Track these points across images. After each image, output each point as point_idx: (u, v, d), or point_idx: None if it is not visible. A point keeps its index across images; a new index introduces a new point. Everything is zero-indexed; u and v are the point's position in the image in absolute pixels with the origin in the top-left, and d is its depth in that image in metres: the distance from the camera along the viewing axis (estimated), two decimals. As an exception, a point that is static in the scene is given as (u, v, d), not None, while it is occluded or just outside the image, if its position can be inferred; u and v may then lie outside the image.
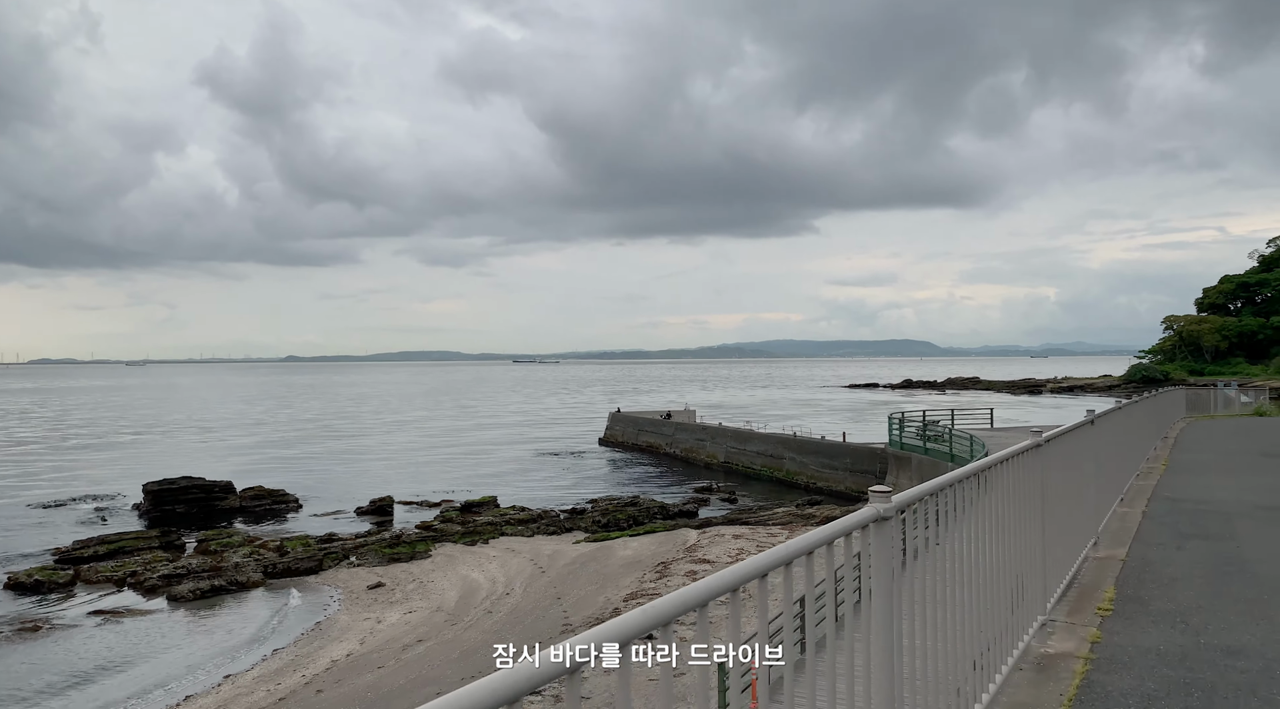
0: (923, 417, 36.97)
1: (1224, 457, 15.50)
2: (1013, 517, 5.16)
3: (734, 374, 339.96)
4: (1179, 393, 25.71)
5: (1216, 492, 11.34)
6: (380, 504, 40.64)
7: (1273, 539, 8.53)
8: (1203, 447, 17.21)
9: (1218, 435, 20.50)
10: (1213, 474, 13.12)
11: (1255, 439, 19.50)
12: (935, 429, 31.59)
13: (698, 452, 58.34)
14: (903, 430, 33.85)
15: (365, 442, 78.42)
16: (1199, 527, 9.06)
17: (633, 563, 26.44)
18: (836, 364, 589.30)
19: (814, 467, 46.60)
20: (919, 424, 32.82)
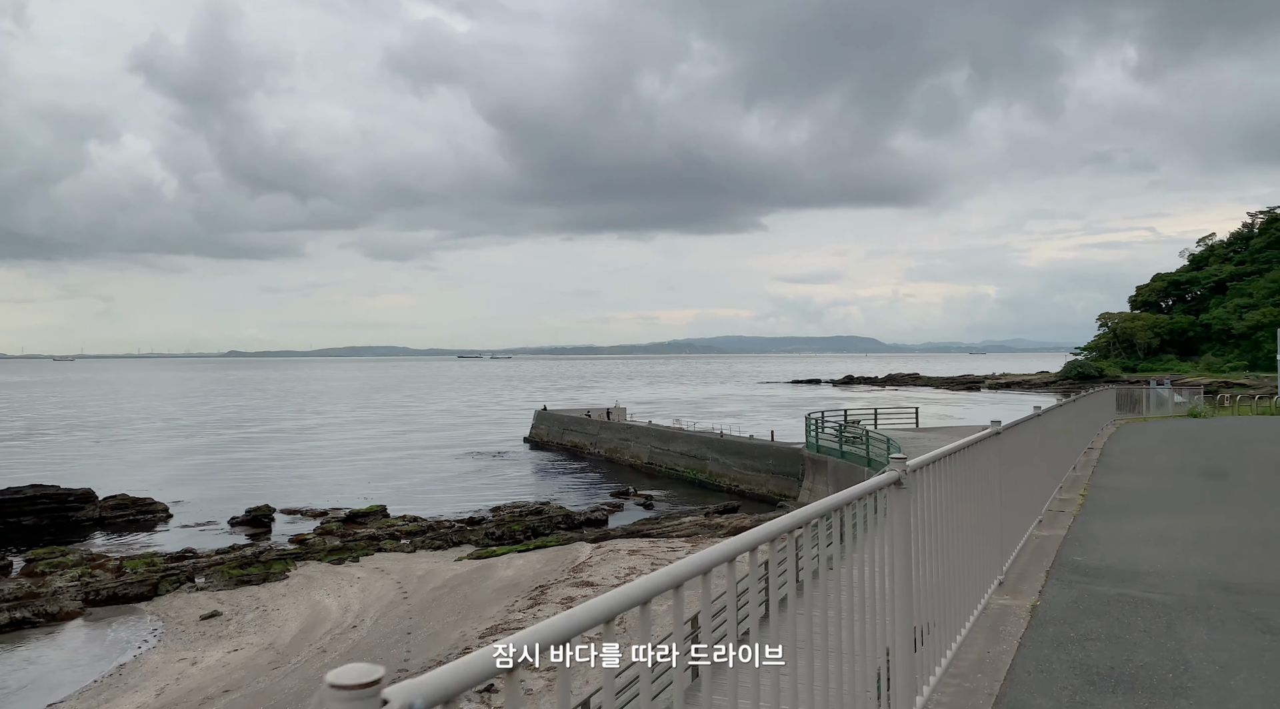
0: (843, 416, 34.53)
1: (1158, 478, 12.93)
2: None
3: (682, 370, 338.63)
4: (1109, 393, 23.48)
5: (1149, 552, 7.91)
6: (257, 514, 36.88)
7: (1256, 681, 4.60)
8: (1133, 462, 14.72)
9: (1150, 444, 18.17)
10: (1143, 513, 9.93)
11: (1192, 450, 17.25)
12: (854, 431, 29.07)
13: (622, 452, 55.45)
14: (819, 432, 31.29)
15: (273, 441, 73.92)
16: (1120, 650, 5.20)
17: (510, 586, 23.35)
18: (784, 360, 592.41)
19: (736, 468, 44.00)
20: (837, 425, 30.29)
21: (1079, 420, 14.28)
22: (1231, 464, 14.52)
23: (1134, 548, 8.06)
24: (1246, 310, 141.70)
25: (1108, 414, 22.55)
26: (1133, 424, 24.05)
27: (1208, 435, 20.54)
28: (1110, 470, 13.29)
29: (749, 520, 28.82)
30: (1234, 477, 12.82)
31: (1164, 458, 15.59)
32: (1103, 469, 13.39)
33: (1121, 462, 14.60)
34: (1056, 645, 5.29)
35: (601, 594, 1.93)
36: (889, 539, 3.75)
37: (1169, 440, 19.09)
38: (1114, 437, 18.97)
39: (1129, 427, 23.07)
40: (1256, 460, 15.56)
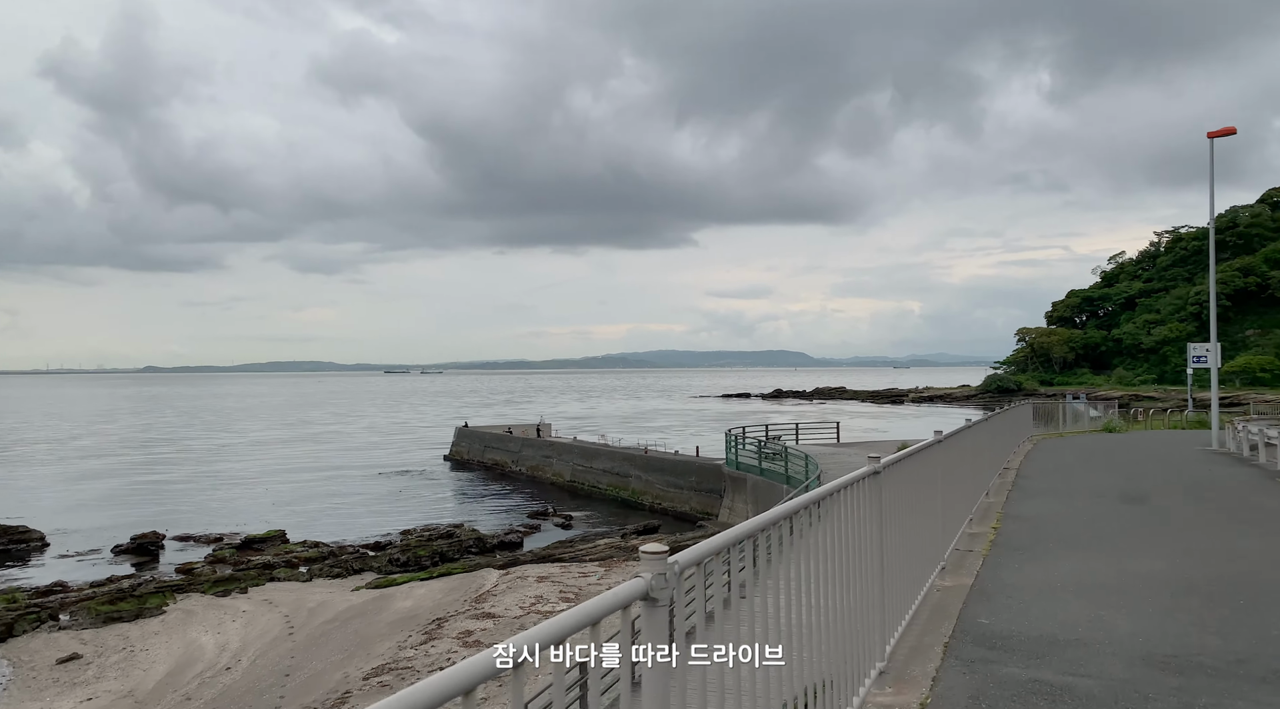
0: (765, 432, 33.80)
1: (1077, 504, 12.19)
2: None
3: (615, 384, 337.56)
4: (1026, 408, 23.18)
5: (1069, 608, 6.57)
6: (143, 541, 34.29)
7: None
8: (1050, 485, 14.08)
9: (1068, 462, 17.67)
10: (1062, 551, 8.76)
11: (1111, 469, 16.81)
12: (773, 447, 28.27)
13: (544, 469, 53.90)
14: (739, 448, 30.43)
15: (178, 462, 70.12)
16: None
17: (407, 619, 21.73)
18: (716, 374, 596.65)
19: (659, 485, 42.92)
20: (757, 441, 29.48)
21: (995, 439, 13.57)
22: (1151, 486, 14.01)
23: (1051, 602, 6.77)
24: (1155, 326, 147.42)
25: (1025, 430, 22.16)
26: (1050, 440, 23.75)
27: (1124, 452, 20.25)
28: (1026, 495, 12.55)
29: (666, 541, 27.70)
30: (1156, 501, 12.16)
31: (1082, 479, 15.00)
32: (1018, 494, 12.63)
33: (1038, 484, 13.95)
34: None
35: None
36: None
37: (1086, 458, 18.67)
38: (1031, 454, 18.45)
39: (1046, 443, 22.72)
40: (1173, 481, 15.13)
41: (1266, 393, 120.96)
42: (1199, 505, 11.97)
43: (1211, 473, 16.52)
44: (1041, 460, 17.57)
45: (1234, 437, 21.74)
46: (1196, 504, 12.08)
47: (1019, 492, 12.89)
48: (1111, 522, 10.80)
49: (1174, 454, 20.43)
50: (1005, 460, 16.07)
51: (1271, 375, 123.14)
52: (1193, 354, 26.15)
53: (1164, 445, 23.13)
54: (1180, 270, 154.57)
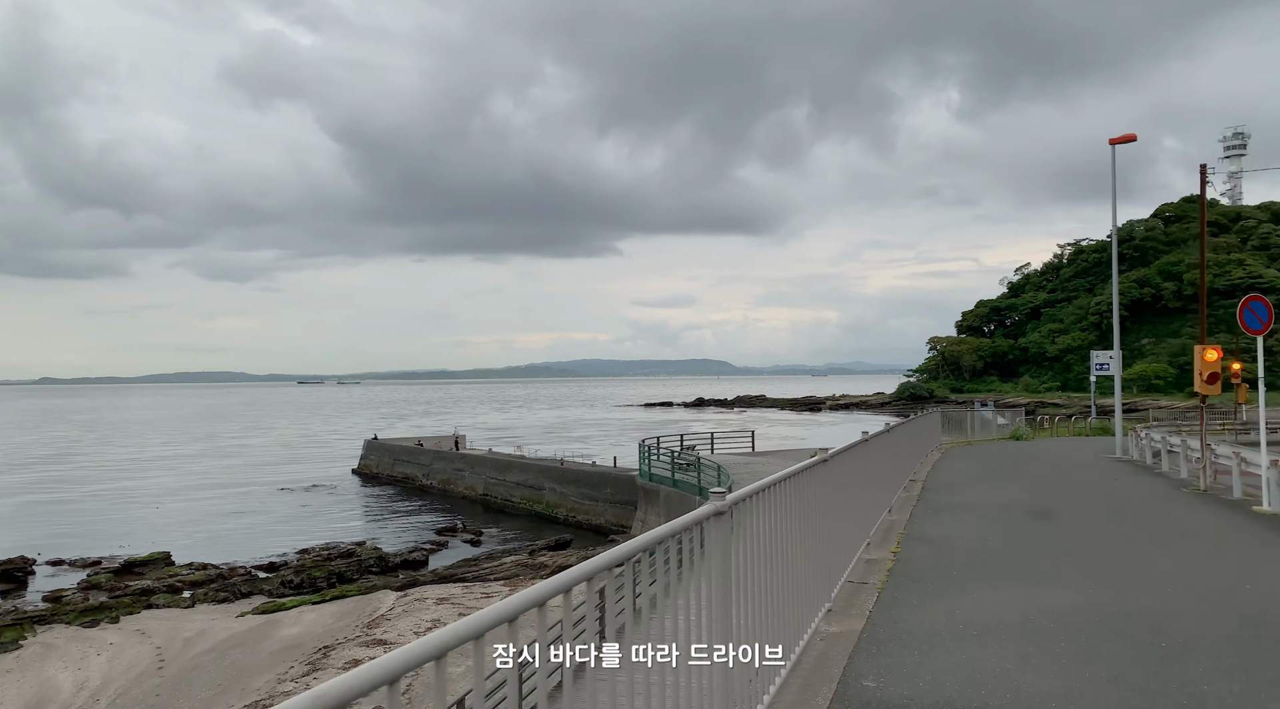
0: (680, 441, 33.14)
1: (983, 522, 11.64)
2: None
3: (538, 394, 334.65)
4: (935, 416, 23.10)
5: (971, 660, 5.66)
6: (9, 567, 31.58)
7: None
8: (956, 499, 13.63)
9: (975, 473, 17.42)
10: (965, 582, 7.81)
11: (1020, 481, 16.57)
12: (687, 457, 27.60)
13: (456, 483, 52.24)
14: (651, 459, 29.69)
15: (66, 481, 65.80)
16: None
17: (291, 647, 20.21)
18: (641, 383, 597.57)
19: (574, 498, 41.90)
20: (671, 451, 28.78)
21: (899, 451, 13.08)
22: (1060, 499, 13.70)
23: (952, 652, 5.76)
24: (1058, 335, 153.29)
25: (934, 438, 21.98)
26: (959, 449, 23.67)
27: (1032, 461, 20.19)
28: (931, 512, 12.04)
29: (574, 557, 26.73)
30: (1066, 517, 11.75)
31: (990, 492, 14.62)
32: (923, 510, 12.11)
33: (945, 498, 13.49)
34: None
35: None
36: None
37: (994, 468, 18.48)
38: (939, 465, 18.17)
39: (955, 452, 22.59)
40: (1082, 494, 14.87)
41: (1162, 399, 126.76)
42: (1110, 522, 11.55)
43: (1118, 484, 16.46)
44: (949, 471, 17.25)
45: (1136, 444, 22.01)
46: (1107, 520, 11.62)
47: (924, 507, 12.37)
48: (1020, 543, 10.16)
49: (1080, 463, 20.46)
50: (912, 471, 15.66)
51: (1165, 382, 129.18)
52: (1096, 362, 26.57)
53: (1070, 454, 23.25)
54: (1082, 281, 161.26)
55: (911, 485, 14.71)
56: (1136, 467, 19.76)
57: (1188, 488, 15.45)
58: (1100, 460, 21.59)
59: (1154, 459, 19.94)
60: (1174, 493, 14.82)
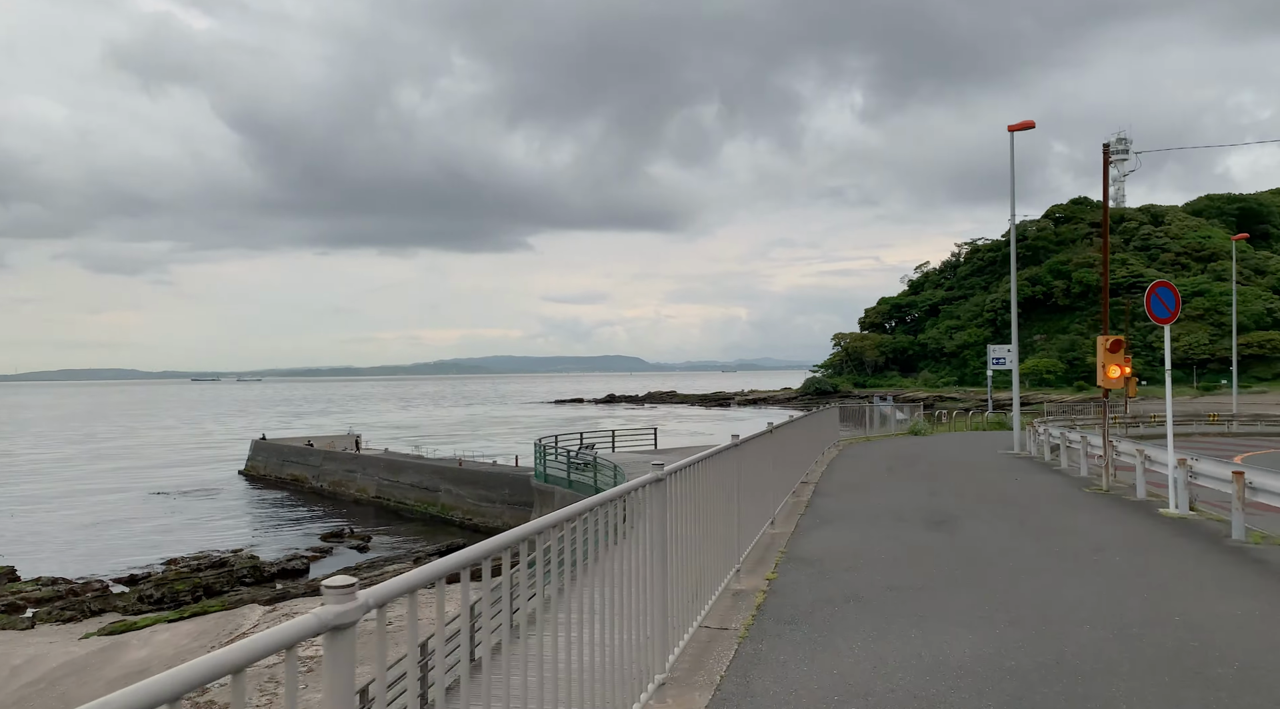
0: (579, 440, 31.93)
1: (874, 534, 10.57)
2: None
3: (445, 391, 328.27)
4: (833, 412, 22.53)
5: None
6: None
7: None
8: (848, 508, 12.63)
9: (870, 473, 16.82)
10: (850, 624, 6.49)
11: (917, 481, 15.78)
12: (583, 457, 26.41)
13: (347, 485, 49.75)
14: (546, 459, 28.39)
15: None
16: None
17: (134, 674, 18.13)
18: (553, 379, 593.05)
19: (470, 500, 40.23)
20: (567, 450, 27.53)
21: (793, 449, 12.17)
22: (957, 504, 12.87)
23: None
24: (956, 331, 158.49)
25: (831, 434, 21.38)
26: (857, 445, 23.18)
27: (929, 458, 19.73)
28: (819, 521, 11.13)
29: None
30: (963, 528, 10.90)
31: (885, 495, 13.74)
32: (811, 520, 11.19)
33: (835, 505, 12.60)
34: None
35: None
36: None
37: (891, 467, 17.86)
38: (835, 463, 17.49)
39: (853, 448, 22.05)
40: (982, 496, 14.04)
41: (1052, 393, 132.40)
42: (1013, 533, 10.67)
43: (1018, 485, 15.79)
44: (844, 471, 16.52)
45: (1034, 439, 21.86)
46: (1010, 530, 10.76)
47: (812, 516, 11.41)
48: (916, 562, 8.91)
49: (978, 460, 20.12)
50: (805, 472, 14.86)
51: (1056, 377, 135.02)
52: (993, 356, 26.57)
53: (968, 449, 22.98)
54: (978, 279, 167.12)
55: (802, 489, 13.84)
56: (1035, 463, 19.58)
57: (1089, 487, 14.90)
58: (998, 457, 21.34)
59: (1052, 455, 19.78)
60: (1076, 494, 14.35)
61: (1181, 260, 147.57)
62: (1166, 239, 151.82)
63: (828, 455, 19.02)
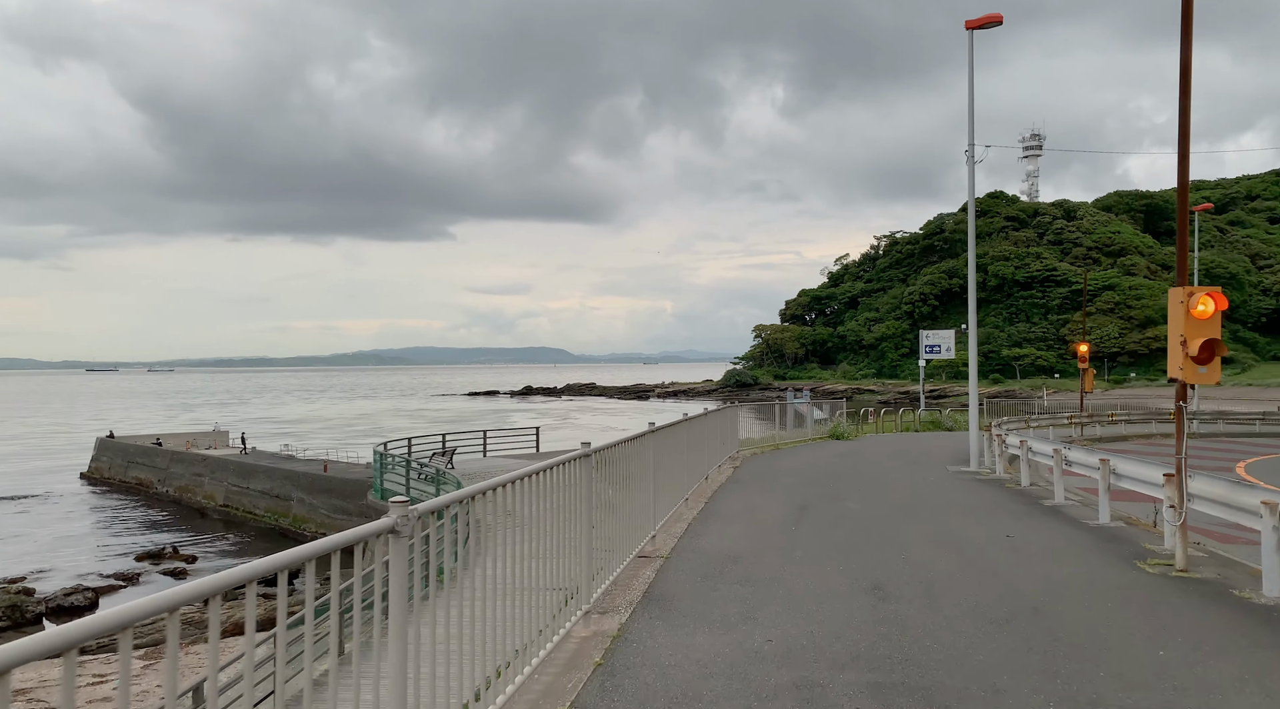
0: (442, 443, 26.54)
1: (777, 632, 5.85)
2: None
3: (359, 382, 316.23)
4: (731, 414, 17.41)
5: None
6: None
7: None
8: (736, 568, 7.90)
9: (770, 526, 10.23)
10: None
11: (845, 552, 8.79)
12: (425, 468, 21.07)
13: (194, 491, 43.18)
14: (384, 471, 22.94)
15: None
16: None
17: None
18: (475, 371, 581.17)
19: (325, 511, 34.41)
20: (408, 461, 22.11)
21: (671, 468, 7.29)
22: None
23: None
24: (874, 323, 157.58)
25: (728, 443, 16.48)
26: (761, 458, 18.21)
27: (859, 484, 14.29)
28: (671, 623, 6.06)
29: (261, 609, 19.69)
30: (931, 606, 6.18)
31: (786, 568, 8.01)
32: (653, 619, 6.11)
33: (703, 589, 7.19)
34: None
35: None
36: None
37: (804, 505, 12.09)
38: (721, 496, 12.32)
39: (755, 464, 17.10)
40: (962, 576, 7.76)
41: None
42: (1001, 619, 5.92)
43: (1012, 546, 9.31)
44: (728, 519, 10.75)
45: (1001, 453, 16.34)
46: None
47: (659, 610, 6.32)
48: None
49: (931, 487, 14.40)
50: (677, 506, 9.95)
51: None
52: (927, 344, 22.18)
53: (910, 465, 17.71)
54: (896, 272, 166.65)
55: (668, 532, 8.90)
56: (1016, 495, 13.51)
57: (1152, 564, 8.30)
58: (955, 479, 15.71)
59: (1033, 479, 14.64)
60: (1147, 591, 7.33)
61: (1093, 255, 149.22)
62: (1079, 233, 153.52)
63: (715, 478, 13.91)
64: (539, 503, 5.11)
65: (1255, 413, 36.13)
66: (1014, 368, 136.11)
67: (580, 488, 5.77)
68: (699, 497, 11.81)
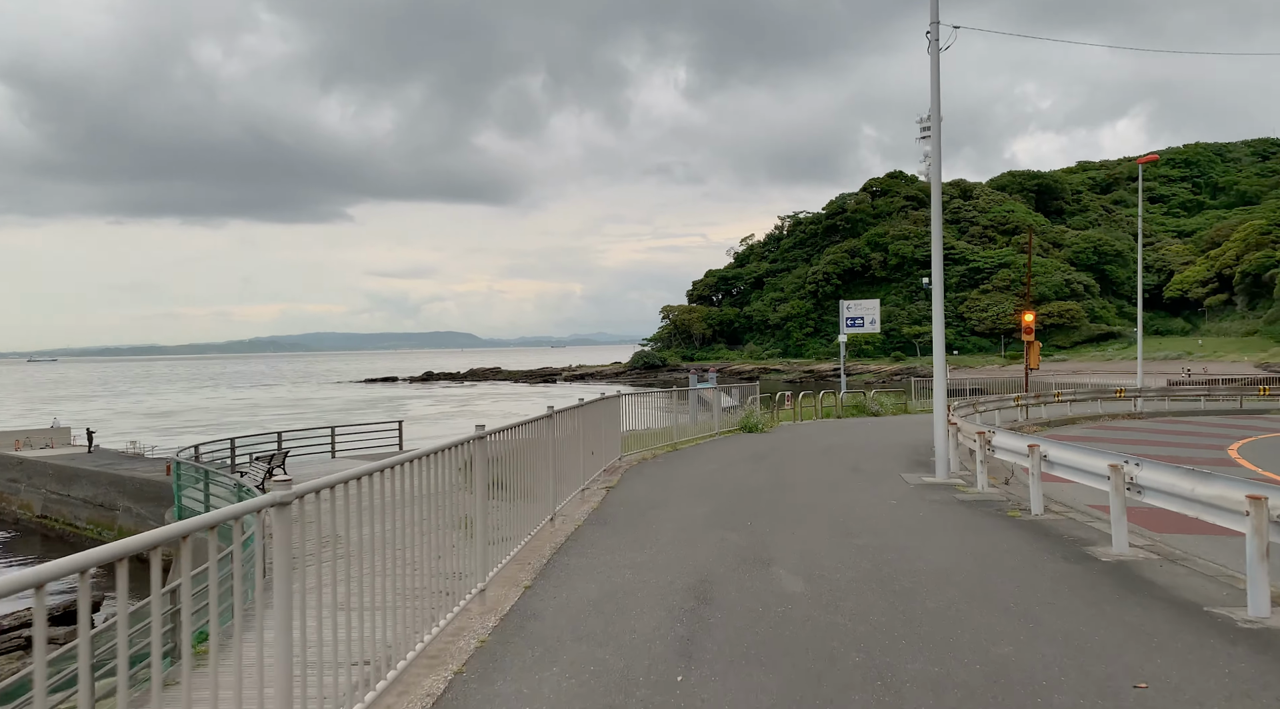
0: (277, 441, 21.98)
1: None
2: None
3: (253, 370, 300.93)
4: (613, 405, 13.31)
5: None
6: None
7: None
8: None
9: (641, 636, 5.48)
10: None
11: (777, 646, 5.20)
12: (222, 482, 16.63)
13: (10, 500, 37.07)
14: (181, 483, 18.39)
15: None
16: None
17: None
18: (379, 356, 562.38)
19: (154, 521, 29.25)
20: (206, 471, 17.60)
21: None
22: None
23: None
24: (779, 303, 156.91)
25: (607, 447, 12.56)
26: (652, 465, 14.26)
27: (782, 500, 9.87)
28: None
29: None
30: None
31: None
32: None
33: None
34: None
35: None
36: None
37: (706, 562, 7.43)
38: (577, 542, 7.94)
39: (640, 475, 13.13)
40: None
41: (870, 363, 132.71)
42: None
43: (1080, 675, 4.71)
44: (576, 604, 5.69)
45: (979, 456, 11.33)
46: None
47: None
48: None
49: (892, 520, 9.48)
50: (528, 533, 6.05)
51: (874, 347, 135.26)
52: (847, 314, 18.89)
53: (848, 473, 12.54)
54: (800, 252, 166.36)
55: (482, 619, 5.07)
56: (1042, 536, 8.58)
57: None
58: (930, 503, 10.55)
59: (1047, 510, 9.70)
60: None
61: (989, 233, 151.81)
62: (975, 212, 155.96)
63: (569, 518, 9.37)
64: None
65: (1199, 389, 34.50)
66: (914, 345, 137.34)
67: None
68: (523, 568, 6.96)
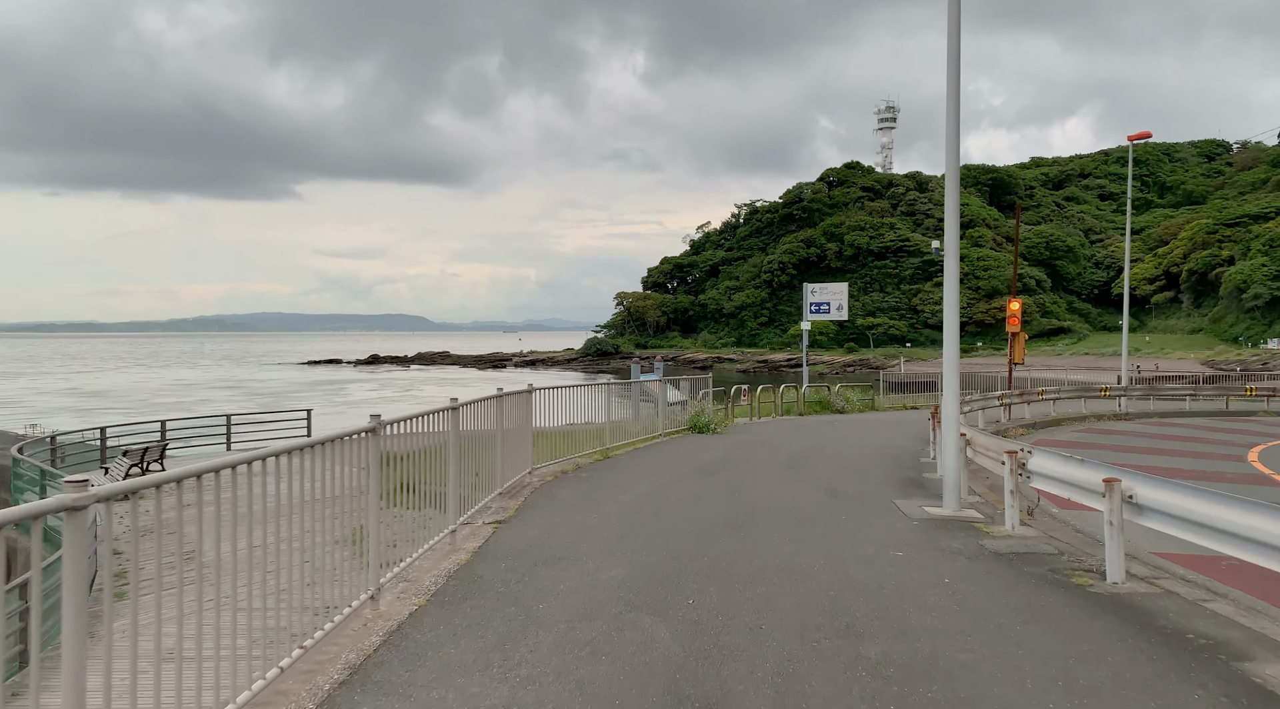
0: (160, 433, 19.05)
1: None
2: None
3: (193, 349, 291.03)
4: (522, 402, 10.41)
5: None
6: None
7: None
8: None
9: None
10: None
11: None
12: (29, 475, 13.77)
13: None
14: (15, 480, 15.50)
15: None
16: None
17: None
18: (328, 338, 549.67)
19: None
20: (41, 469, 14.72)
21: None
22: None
23: None
24: (735, 292, 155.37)
25: (518, 457, 9.80)
26: (572, 480, 11.11)
27: (729, 526, 6.52)
28: None
29: None
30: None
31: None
32: None
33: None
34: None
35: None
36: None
37: (621, 598, 5.15)
38: (449, 592, 4.99)
39: (554, 499, 9.82)
40: None
41: (824, 354, 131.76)
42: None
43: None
44: (482, 623, 3.97)
45: (1008, 485, 8.34)
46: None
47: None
48: None
49: (885, 569, 6.76)
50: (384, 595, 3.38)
51: (828, 338, 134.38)
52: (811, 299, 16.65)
53: (824, 498, 8.68)
54: (756, 241, 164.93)
55: None
56: (1121, 620, 5.54)
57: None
58: (947, 559, 7.20)
59: (1130, 575, 6.31)
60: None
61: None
62: (930, 205, 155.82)
63: (442, 564, 6.31)
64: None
65: (1186, 388, 33.03)
66: (868, 337, 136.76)
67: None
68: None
